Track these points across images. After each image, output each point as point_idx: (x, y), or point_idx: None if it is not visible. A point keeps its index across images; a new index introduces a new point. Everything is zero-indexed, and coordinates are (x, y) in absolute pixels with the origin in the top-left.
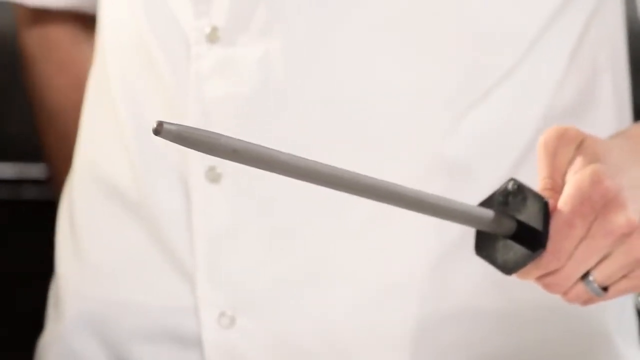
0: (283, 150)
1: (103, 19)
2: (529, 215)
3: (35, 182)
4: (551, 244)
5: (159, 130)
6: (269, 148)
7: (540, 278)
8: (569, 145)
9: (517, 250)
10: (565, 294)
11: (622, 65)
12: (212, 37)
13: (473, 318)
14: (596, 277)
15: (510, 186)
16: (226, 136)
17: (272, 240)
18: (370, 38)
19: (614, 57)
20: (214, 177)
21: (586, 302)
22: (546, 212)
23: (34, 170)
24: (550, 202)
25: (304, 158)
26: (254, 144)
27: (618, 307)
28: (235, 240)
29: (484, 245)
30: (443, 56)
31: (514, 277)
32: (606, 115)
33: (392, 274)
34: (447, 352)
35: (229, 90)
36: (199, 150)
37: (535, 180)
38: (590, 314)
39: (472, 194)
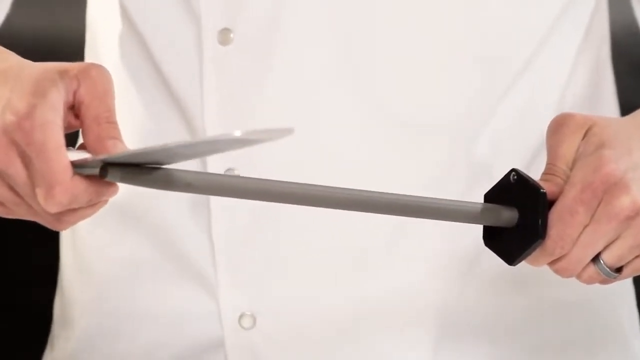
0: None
1: (98, 40)
2: (528, 206)
3: None
4: (555, 232)
5: (104, 173)
6: (221, 175)
7: (550, 264)
8: (576, 132)
9: (519, 240)
10: (578, 277)
11: (610, 63)
12: (223, 39)
13: (494, 312)
14: (606, 259)
15: (511, 177)
16: (176, 170)
17: (291, 240)
18: (402, 39)
19: (609, 54)
20: None
21: (602, 283)
22: (544, 202)
23: None
24: (551, 189)
25: (258, 179)
26: (205, 173)
27: (635, 307)
28: (255, 241)
29: (491, 236)
30: (464, 56)
31: (534, 273)
32: (611, 110)
33: (415, 270)
34: (469, 346)
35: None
36: (151, 188)
37: None
38: (607, 312)
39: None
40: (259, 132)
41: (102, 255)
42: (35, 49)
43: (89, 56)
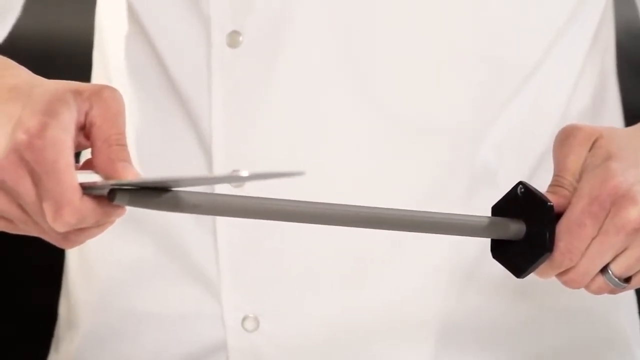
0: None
1: (107, 45)
2: (536, 219)
3: None
4: (563, 244)
5: (113, 197)
6: (228, 195)
7: (558, 276)
8: (583, 144)
9: (526, 253)
10: (586, 288)
11: (614, 69)
12: (232, 41)
13: (495, 319)
14: (615, 270)
15: (518, 190)
16: (184, 192)
17: (295, 243)
18: (401, 40)
19: (614, 61)
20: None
21: (611, 293)
22: (551, 215)
23: None
24: (558, 201)
25: (264, 199)
26: (212, 194)
27: (636, 313)
28: (259, 243)
29: (499, 248)
30: (466, 57)
31: (535, 280)
32: (615, 119)
33: (416, 276)
34: (470, 353)
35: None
36: (159, 210)
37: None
38: (609, 318)
39: (491, 199)
40: (267, 173)
41: (106, 257)
42: (43, 49)
43: (97, 57)
